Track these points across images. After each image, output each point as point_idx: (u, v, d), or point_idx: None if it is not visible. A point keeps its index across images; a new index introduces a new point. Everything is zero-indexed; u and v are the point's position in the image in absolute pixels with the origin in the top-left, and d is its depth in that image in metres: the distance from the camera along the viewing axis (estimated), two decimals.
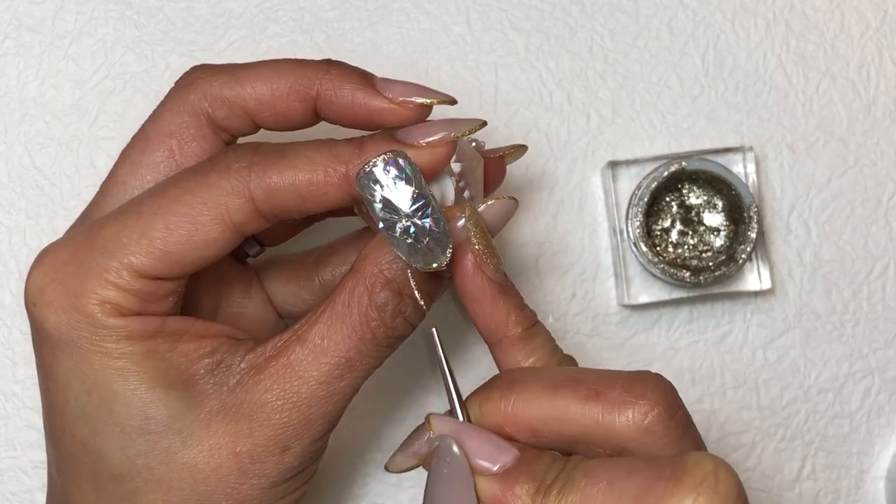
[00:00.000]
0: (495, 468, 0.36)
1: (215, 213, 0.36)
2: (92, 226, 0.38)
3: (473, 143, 0.40)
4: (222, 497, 0.37)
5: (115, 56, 0.50)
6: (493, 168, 0.41)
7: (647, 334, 0.50)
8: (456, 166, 0.38)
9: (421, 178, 0.35)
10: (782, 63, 0.50)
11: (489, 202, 0.37)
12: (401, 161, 0.35)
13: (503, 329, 0.39)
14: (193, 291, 0.41)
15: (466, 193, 0.39)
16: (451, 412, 0.38)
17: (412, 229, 0.35)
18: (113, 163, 0.49)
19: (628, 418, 0.35)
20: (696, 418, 0.49)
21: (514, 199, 0.38)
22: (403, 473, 0.49)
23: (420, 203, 0.35)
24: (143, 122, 0.40)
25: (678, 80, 0.50)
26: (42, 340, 0.37)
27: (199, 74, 0.39)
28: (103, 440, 0.37)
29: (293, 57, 0.49)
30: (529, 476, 0.35)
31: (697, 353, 0.50)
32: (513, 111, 0.50)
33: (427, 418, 0.38)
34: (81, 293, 0.36)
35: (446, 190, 0.38)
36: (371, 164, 0.35)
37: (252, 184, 0.36)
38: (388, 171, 0.35)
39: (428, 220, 0.35)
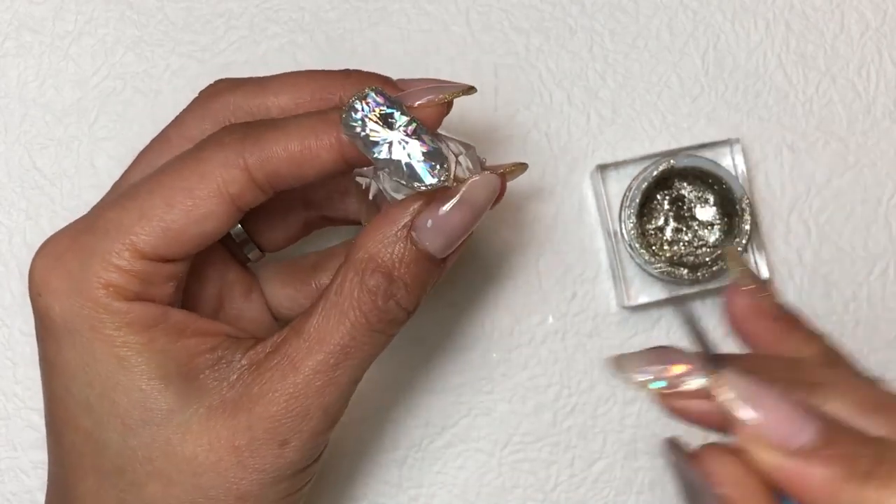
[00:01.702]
0: (796, 442, 0.30)
1: (213, 186, 0.37)
2: (92, 213, 0.38)
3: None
4: (221, 492, 0.37)
5: (115, 56, 0.50)
6: None
7: (647, 335, 0.50)
8: (455, 147, 0.39)
9: (402, 104, 0.36)
10: (782, 63, 0.50)
11: (474, 177, 0.37)
12: (378, 93, 0.36)
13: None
14: (196, 291, 0.41)
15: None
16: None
17: (405, 147, 0.36)
18: (113, 163, 0.49)
19: None
20: None
21: (496, 175, 0.38)
22: (404, 474, 0.49)
23: (404, 121, 0.36)
24: (164, 127, 0.41)
25: (678, 80, 0.50)
26: (46, 331, 0.38)
27: (223, 86, 0.40)
28: (106, 431, 0.37)
29: (294, 58, 0.49)
30: (838, 457, 0.29)
31: None
32: (513, 111, 0.50)
33: (715, 372, 0.31)
34: (84, 277, 0.37)
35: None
36: (351, 101, 0.36)
37: (246, 153, 0.37)
38: (368, 103, 0.36)
39: (415, 137, 0.36)
